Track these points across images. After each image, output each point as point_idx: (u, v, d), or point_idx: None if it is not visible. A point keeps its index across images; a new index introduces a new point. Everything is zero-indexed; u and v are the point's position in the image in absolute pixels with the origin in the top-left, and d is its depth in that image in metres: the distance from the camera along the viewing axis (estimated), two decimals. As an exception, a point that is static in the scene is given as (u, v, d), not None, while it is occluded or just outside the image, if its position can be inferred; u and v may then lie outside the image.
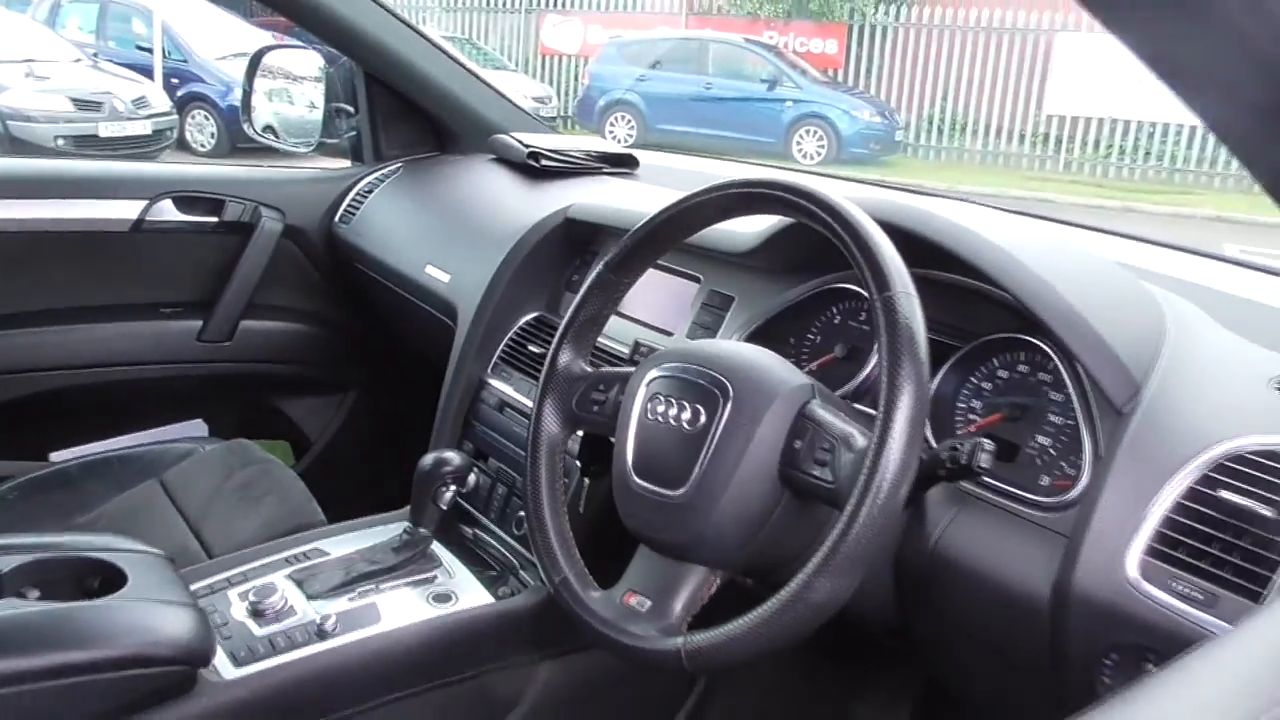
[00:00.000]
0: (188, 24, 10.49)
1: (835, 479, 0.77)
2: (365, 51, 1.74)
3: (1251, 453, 0.75)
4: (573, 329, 0.99)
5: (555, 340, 0.99)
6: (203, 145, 10.04)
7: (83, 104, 8.60)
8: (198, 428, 1.86)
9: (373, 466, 1.98)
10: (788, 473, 0.81)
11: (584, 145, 1.73)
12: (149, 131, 8.85)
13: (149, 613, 0.95)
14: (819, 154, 11.75)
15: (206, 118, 10.05)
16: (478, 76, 1.86)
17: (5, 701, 0.84)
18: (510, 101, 1.88)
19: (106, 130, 8.54)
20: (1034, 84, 11.53)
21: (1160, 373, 0.83)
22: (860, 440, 0.77)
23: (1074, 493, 0.83)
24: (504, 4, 14.36)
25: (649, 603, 0.85)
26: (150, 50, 10.47)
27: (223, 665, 1.02)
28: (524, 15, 14.59)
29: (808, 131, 11.90)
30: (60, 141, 8.36)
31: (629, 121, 12.58)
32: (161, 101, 9.25)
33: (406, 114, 1.88)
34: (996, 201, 1.31)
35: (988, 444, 0.77)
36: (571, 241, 1.44)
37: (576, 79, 13.79)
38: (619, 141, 9.40)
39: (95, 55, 9.89)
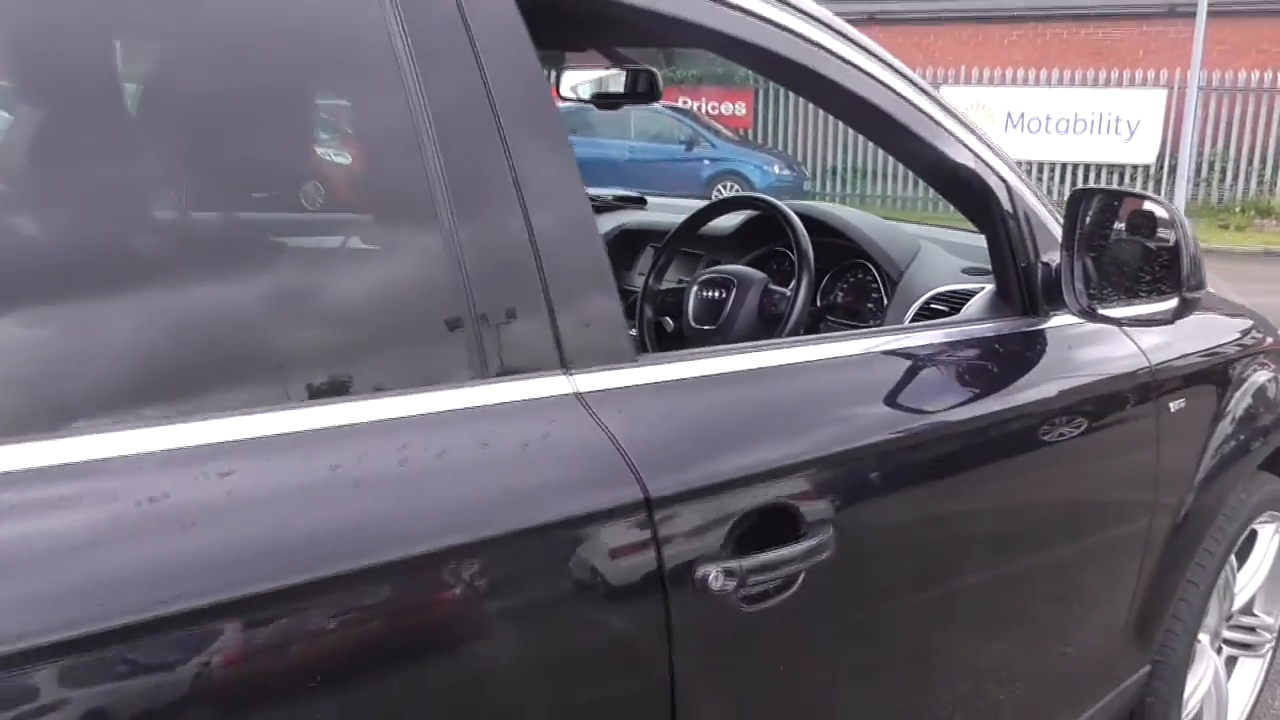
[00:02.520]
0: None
1: (779, 311, 1.88)
2: None
3: (942, 292, 1.88)
4: (653, 271, 2.10)
5: (647, 275, 2.10)
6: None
7: None
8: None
9: None
10: (761, 313, 1.91)
11: (606, 191, 2.84)
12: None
13: None
14: (737, 206, 12.94)
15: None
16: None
17: None
18: None
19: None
20: (923, 134, 12.94)
21: (913, 266, 1.97)
22: (788, 295, 1.89)
23: (876, 320, 1.96)
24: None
25: None
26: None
27: None
28: (455, 91, 15.66)
29: (725, 186, 12.85)
30: None
31: (563, 185, 13.56)
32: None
33: None
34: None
35: (839, 299, 1.91)
36: (618, 247, 2.55)
37: (510, 148, 14.83)
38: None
39: None
